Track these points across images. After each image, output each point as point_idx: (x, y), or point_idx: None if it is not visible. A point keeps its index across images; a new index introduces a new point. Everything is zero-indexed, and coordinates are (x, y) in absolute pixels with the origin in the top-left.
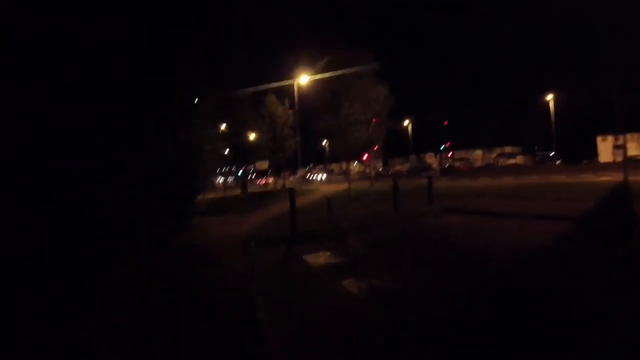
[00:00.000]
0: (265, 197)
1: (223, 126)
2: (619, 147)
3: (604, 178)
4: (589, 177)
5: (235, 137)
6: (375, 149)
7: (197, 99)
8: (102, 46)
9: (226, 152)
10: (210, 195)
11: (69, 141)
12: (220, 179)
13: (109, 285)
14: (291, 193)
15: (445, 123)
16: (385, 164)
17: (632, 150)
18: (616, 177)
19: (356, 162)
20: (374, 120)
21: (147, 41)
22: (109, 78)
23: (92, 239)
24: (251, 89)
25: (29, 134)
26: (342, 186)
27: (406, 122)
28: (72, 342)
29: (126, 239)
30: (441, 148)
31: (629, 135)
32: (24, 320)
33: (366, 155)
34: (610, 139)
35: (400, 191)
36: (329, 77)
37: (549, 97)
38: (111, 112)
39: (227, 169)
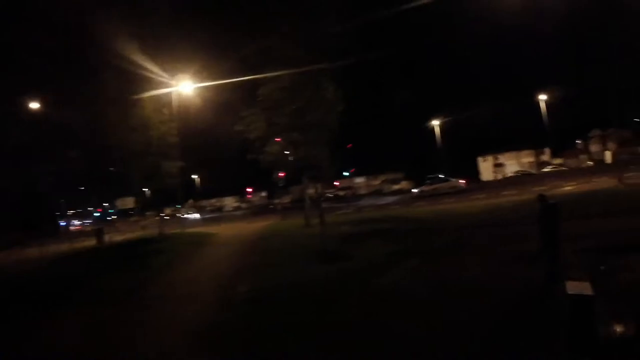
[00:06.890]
0: (139, 252)
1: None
2: (499, 166)
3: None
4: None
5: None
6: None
7: None
8: None
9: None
10: (52, 248)
11: None
12: (76, 222)
13: None
14: None
15: (349, 146)
16: (270, 196)
17: (514, 166)
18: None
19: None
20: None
21: None
22: None
23: None
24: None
25: None
26: (254, 225)
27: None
28: None
29: None
30: (345, 174)
31: (507, 154)
32: None
33: (251, 190)
34: (490, 159)
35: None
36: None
37: (435, 122)
38: None
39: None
